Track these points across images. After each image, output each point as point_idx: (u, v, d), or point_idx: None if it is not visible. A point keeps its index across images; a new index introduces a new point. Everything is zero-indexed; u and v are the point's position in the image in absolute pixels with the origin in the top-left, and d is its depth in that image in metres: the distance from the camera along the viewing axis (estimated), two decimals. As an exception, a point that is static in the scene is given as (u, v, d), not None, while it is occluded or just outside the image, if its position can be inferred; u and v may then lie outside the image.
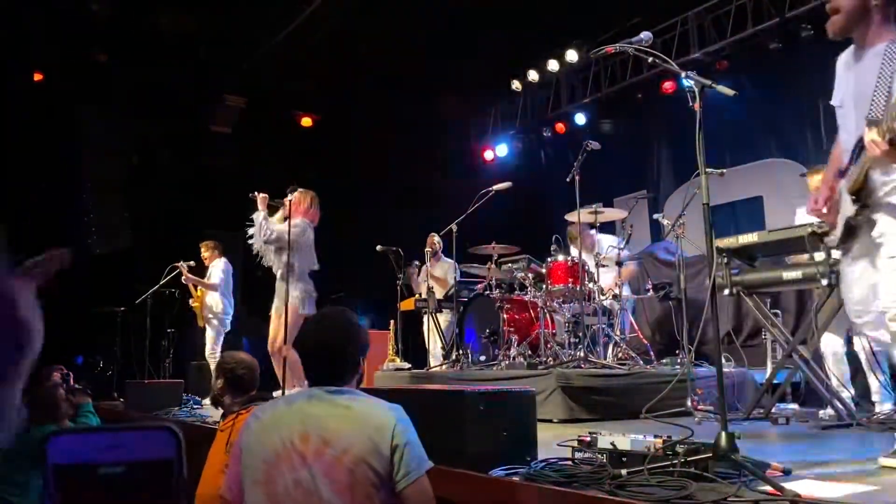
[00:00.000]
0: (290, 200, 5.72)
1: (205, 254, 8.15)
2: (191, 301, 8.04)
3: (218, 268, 8.09)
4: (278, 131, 11.21)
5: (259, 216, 5.91)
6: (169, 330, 8.70)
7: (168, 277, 8.04)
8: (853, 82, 2.84)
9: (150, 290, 8.16)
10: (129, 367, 8.92)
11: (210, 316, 7.94)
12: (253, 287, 8.48)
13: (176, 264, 8.04)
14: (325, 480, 2.03)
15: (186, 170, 10.57)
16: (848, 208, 2.73)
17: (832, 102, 2.99)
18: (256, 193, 5.92)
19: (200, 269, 8.15)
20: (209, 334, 7.91)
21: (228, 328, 8.02)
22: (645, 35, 2.92)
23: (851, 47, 2.93)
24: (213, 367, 7.54)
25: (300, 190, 5.99)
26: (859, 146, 2.67)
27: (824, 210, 2.88)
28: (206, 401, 5.96)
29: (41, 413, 4.34)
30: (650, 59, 2.88)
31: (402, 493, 2.06)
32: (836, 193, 2.85)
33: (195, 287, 8.01)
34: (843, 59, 2.99)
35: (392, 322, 7.89)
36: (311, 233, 6.10)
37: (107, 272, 9.77)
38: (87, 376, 9.04)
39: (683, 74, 2.67)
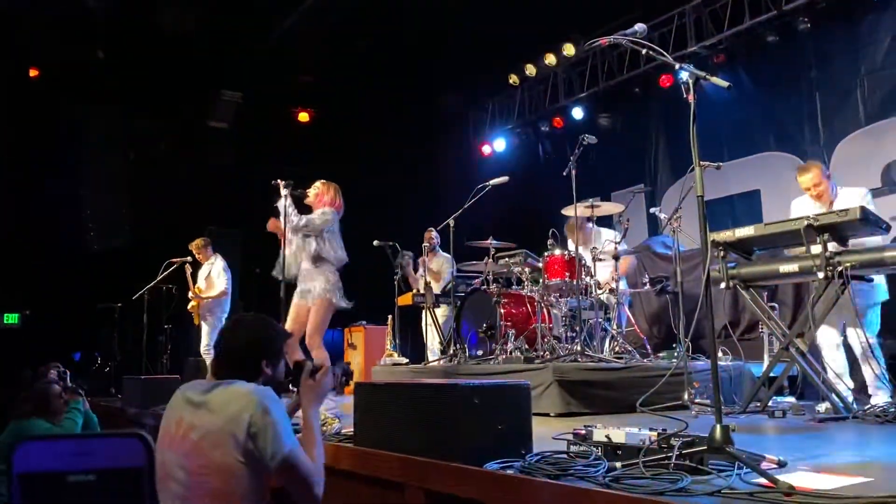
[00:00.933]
0: (315, 192, 5.47)
1: (199, 254, 8.10)
2: (189, 307, 8.00)
3: (218, 267, 8.03)
4: (276, 126, 11.19)
5: (283, 202, 5.45)
6: (166, 326, 8.70)
7: (165, 273, 8.03)
8: None
9: (147, 286, 8.15)
10: (127, 362, 8.92)
11: (207, 313, 7.93)
12: (250, 284, 8.49)
13: (174, 260, 8.03)
14: (181, 463, 2.26)
15: (184, 165, 10.55)
16: None
17: None
18: (280, 181, 5.51)
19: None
20: (205, 330, 7.90)
21: (223, 325, 8.00)
22: (639, 27, 2.90)
23: None
24: (208, 361, 7.54)
25: (322, 182, 5.76)
26: None
27: None
28: None
29: (34, 408, 4.35)
30: (644, 51, 2.87)
31: (276, 470, 2.26)
32: None
33: (193, 281, 7.98)
34: None
35: (389, 317, 7.89)
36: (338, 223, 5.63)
37: (104, 268, 9.78)
38: (84, 372, 9.06)
39: (677, 66, 2.67)
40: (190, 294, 7.96)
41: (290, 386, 2.81)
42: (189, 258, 8.04)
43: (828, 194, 4.82)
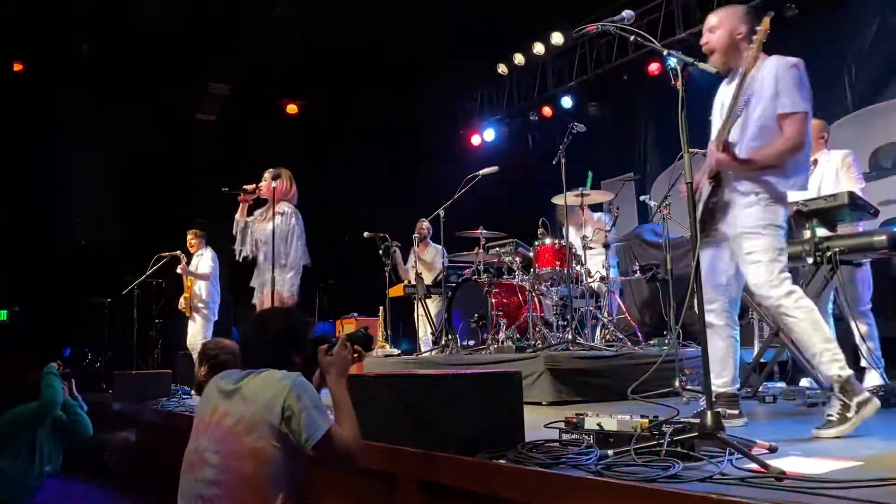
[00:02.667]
0: (272, 186, 5.57)
1: (192, 240, 8.10)
2: (181, 305, 7.98)
3: (206, 256, 8.05)
4: (264, 118, 11.13)
5: (239, 225, 5.75)
6: (157, 320, 8.66)
7: (155, 267, 7.98)
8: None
9: (137, 281, 8.11)
10: (117, 358, 8.88)
11: (200, 305, 7.90)
12: (241, 276, 8.39)
13: (163, 254, 7.99)
14: (216, 448, 2.33)
15: (172, 158, 10.48)
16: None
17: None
18: (237, 192, 5.70)
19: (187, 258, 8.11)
20: (198, 323, 7.87)
21: (217, 317, 7.98)
22: (627, 14, 2.89)
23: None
24: (195, 356, 7.52)
25: (271, 171, 5.70)
26: None
27: None
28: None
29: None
30: (632, 38, 2.86)
31: (312, 453, 2.31)
32: None
33: (185, 277, 7.96)
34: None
35: (381, 308, 7.88)
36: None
37: (93, 262, 9.72)
38: (75, 368, 9.01)
39: (665, 52, 2.66)
40: (179, 268, 7.95)
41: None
42: (179, 251, 8.00)
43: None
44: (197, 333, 7.82)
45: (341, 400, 2.54)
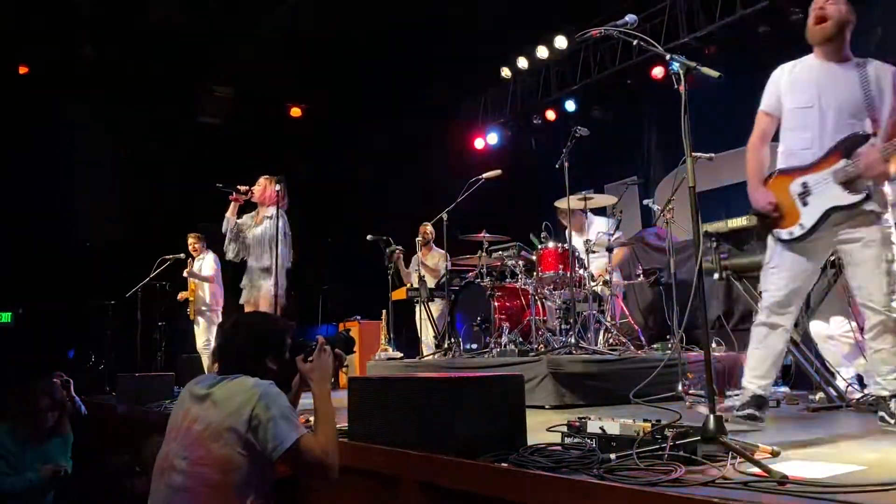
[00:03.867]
0: (266, 191, 5.66)
1: (194, 244, 8.13)
2: (180, 295, 8.01)
3: (208, 260, 8.07)
4: (268, 122, 11.16)
5: (229, 224, 5.93)
6: (160, 323, 8.68)
7: (159, 270, 8.01)
8: (829, 89, 3.32)
9: (140, 283, 8.13)
10: (121, 360, 8.89)
11: (203, 308, 7.92)
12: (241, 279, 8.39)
13: (167, 256, 8.01)
14: (184, 454, 2.33)
15: (176, 161, 10.51)
16: (837, 197, 3.18)
17: (793, 105, 3.46)
18: (230, 191, 5.94)
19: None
20: (201, 326, 7.88)
21: (220, 319, 8.00)
22: (630, 18, 2.89)
23: (801, 62, 3.55)
24: (204, 358, 7.52)
25: (265, 177, 5.87)
26: (844, 145, 3.20)
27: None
28: None
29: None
30: (635, 42, 2.86)
31: (279, 462, 2.29)
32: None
33: (189, 281, 7.98)
34: (803, 68, 3.52)
35: (384, 312, 7.88)
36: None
37: (97, 265, 9.74)
38: (78, 370, 9.03)
39: (668, 56, 2.66)
40: (185, 272, 7.99)
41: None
42: (182, 255, 8.02)
43: None
44: (201, 336, 7.84)
45: (321, 407, 2.52)
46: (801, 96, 3.39)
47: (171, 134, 10.52)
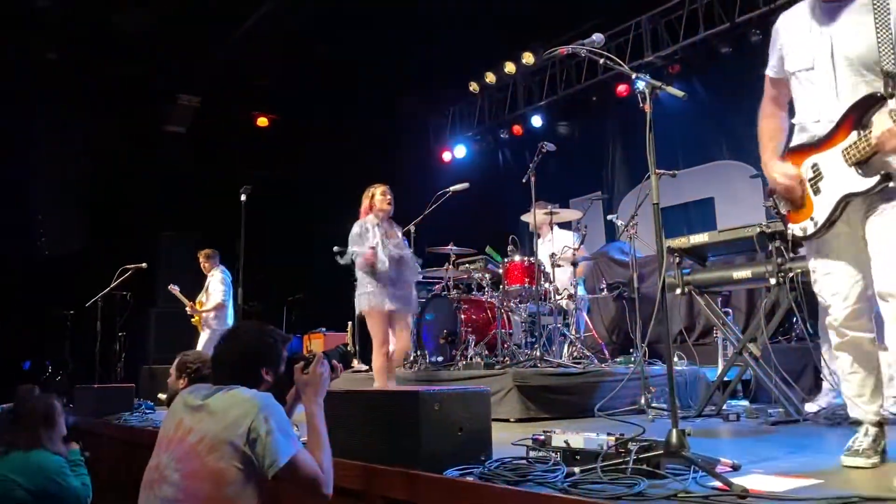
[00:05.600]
0: None
1: (204, 263, 7.97)
2: (192, 320, 7.86)
3: (216, 279, 7.89)
4: (234, 131, 11.07)
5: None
6: (120, 334, 8.53)
7: (120, 279, 7.87)
8: (833, 39, 2.56)
9: (101, 293, 7.98)
10: (79, 371, 8.72)
11: (213, 322, 7.75)
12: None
13: (128, 266, 7.88)
14: (177, 466, 2.25)
15: (140, 170, 10.37)
16: (850, 182, 2.48)
17: (792, 67, 2.73)
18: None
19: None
20: (205, 337, 7.71)
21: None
22: (597, 37, 2.94)
23: (798, 9, 2.74)
24: None
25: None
26: (856, 112, 2.46)
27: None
28: (162, 395, 5.76)
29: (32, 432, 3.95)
30: (601, 61, 2.91)
31: (275, 479, 2.23)
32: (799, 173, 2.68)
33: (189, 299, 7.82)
34: (797, 17, 2.74)
35: (350, 323, 7.84)
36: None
37: (56, 274, 9.55)
38: (35, 381, 8.82)
39: (634, 76, 2.70)
40: (188, 310, 7.84)
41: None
42: (144, 264, 7.89)
43: None
44: (207, 344, 7.62)
45: (316, 423, 2.47)
46: (799, 56, 2.69)
47: (135, 142, 10.38)
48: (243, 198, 6.21)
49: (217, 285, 7.85)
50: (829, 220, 2.57)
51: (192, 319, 7.86)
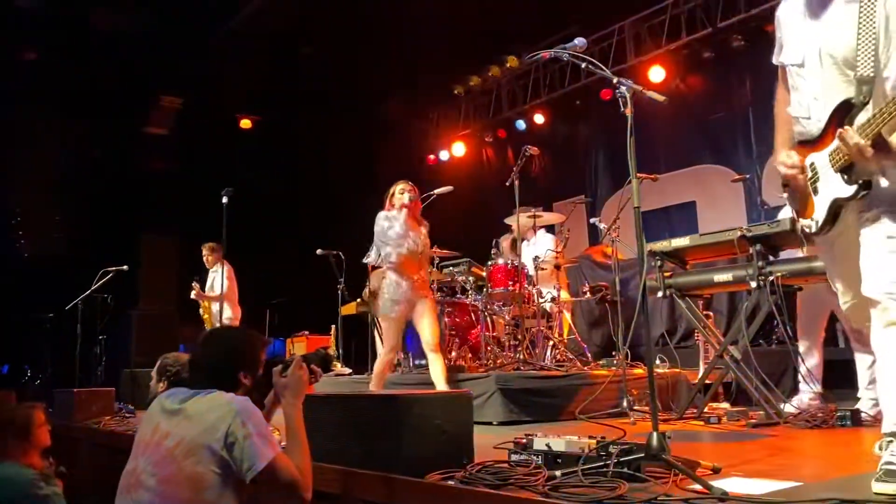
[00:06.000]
0: None
1: (207, 256, 7.82)
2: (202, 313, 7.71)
3: (219, 273, 7.73)
4: (217, 133, 11.00)
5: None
6: (100, 337, 8.44)
7: (101, 282, 7.78)
8: (820, 35, 2.44)
9: (81, 296, 7.89)
10: (59, 375, 8.62)
11: (226, 322, 7.63)
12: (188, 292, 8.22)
13: (109, 269, 7.79)
14: (153, 470, 2.24)
15: (121, 171, 10.29)
16: (837, 188, 2.42)
17: (785, 60, 2.62)
18: None
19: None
20: None
21: None
22: (579, 41, 2.95)
23: None
24: None
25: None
26: (837, 115, 2.38)
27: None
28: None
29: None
30: (584, 65, 2.91)
31: (254, 482, 2.23)
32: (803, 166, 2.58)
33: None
34: (795, 6, 2.57)
35: (333, 327, 7.82)
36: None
37: (36, 276, 9.45)
38: (14, 385, 8.72)
39: (615, 80, 2.71)
40: (193, 294, 7.70)
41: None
42: (126, 266, 7.80)
43: None
44: None
45: (295, 426, 2.47)
46: (791, 49, 2.58)
47: (116, 144, 10.29)
48: (225, 200, 6.16)
49: (226, 280, 7.63)
50: (825, 223, 2.51)
51: (204, 315, 7.68)
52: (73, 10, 8.67)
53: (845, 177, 2.39)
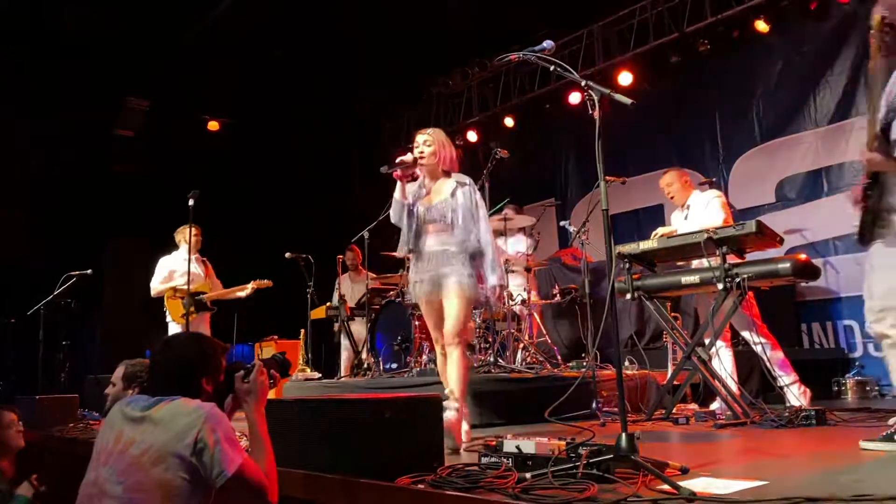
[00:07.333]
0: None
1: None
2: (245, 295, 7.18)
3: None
4: (185, 135, 10.86)
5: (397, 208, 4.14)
6: (64, 342, 8.28)
7: (64, 286, 7.63)
8: None
9: (44, 301, 7.74)
10: (21, 381, 8.44)
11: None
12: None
13: (73, 273, 7.65)
14: (118, 478, 2.21)
15: (87, 173, 10.11)
16: None
17: None
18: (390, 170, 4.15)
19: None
20: None
21: None
22: (547, 44, 2.96)
23: None
24: None
25: (431, 132, 4.19)
26: None
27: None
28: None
29: None
30: (552, 68, 2.93)
31: (223, 488, 2.21)
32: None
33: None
34: None
35: (302, 331, 7.76)
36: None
37: (-2, 281, 9.25)
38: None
39: (584, 83, 2.73)
40: (207, 298, 7.09)
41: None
42: (90, 270, 7.66)
43: (680, 196, 5.43)
44: None
45: (258, 431, 2.47)
46: None
47: (82, 145, 10.11)
48: (191, 202, 6.08)
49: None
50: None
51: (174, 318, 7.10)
52: (41, 11, 8.51)
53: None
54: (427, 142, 4.08)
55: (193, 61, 9.44)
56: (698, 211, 5.28)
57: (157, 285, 7.08)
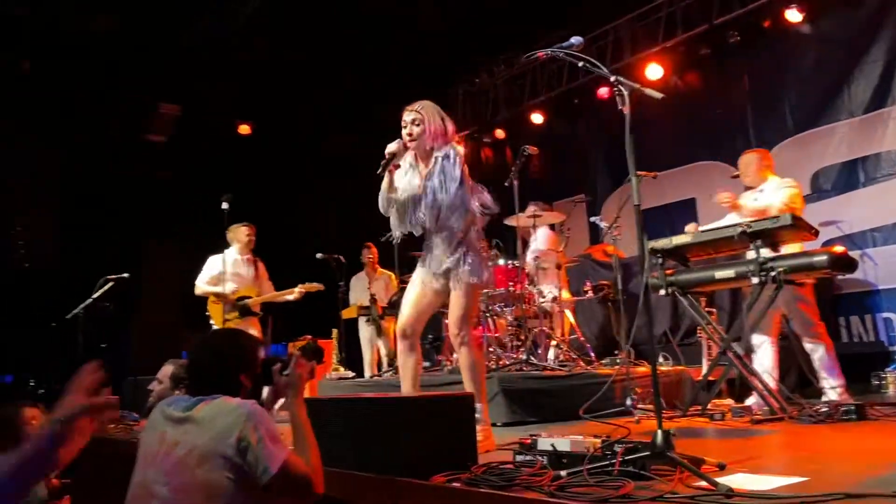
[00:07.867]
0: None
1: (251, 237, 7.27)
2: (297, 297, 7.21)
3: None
4: (216, 139, 10.99)
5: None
6: (102, 346, 8.42)
7: (101, 290, 7.77)
8: None
9: (82, 305, 7.88)
10: (61, 385, 8.60)
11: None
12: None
13: (110, 277, 7.77)
14: (165, 480, 2.20)
15: (120, 179, 10.28)
16: None
17: None
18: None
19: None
20: None
21: None
22: (575, 39, 2.94)
23: None
24: None
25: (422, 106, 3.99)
26: None
27: None
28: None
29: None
30: (580, 64, 2.91)
31: (267, 486, 2.19)
32: None
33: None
34: None
35: (334, 331, 7.81)
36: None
37: (37, 286, 9.44)
38: (18, 395, 8.70)
39: (613, 78, 2.71)
40: (250, 302, 7.08)
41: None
42: (126, 274, 7.78)
43: (754, 178, 5.31)
44: None
45: (301, 422, 2.44)
46: None
47: (114, 152, 10.28)
48: (225, 205, 6.15)
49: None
50: None
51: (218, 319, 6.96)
52: (69, 18, 8.65)
53: None
54: (416, 120, 3.85)
55: (223, 66, 9.54)
56: (768, 194, 5.15)
57: (201, 284, 6.91)
